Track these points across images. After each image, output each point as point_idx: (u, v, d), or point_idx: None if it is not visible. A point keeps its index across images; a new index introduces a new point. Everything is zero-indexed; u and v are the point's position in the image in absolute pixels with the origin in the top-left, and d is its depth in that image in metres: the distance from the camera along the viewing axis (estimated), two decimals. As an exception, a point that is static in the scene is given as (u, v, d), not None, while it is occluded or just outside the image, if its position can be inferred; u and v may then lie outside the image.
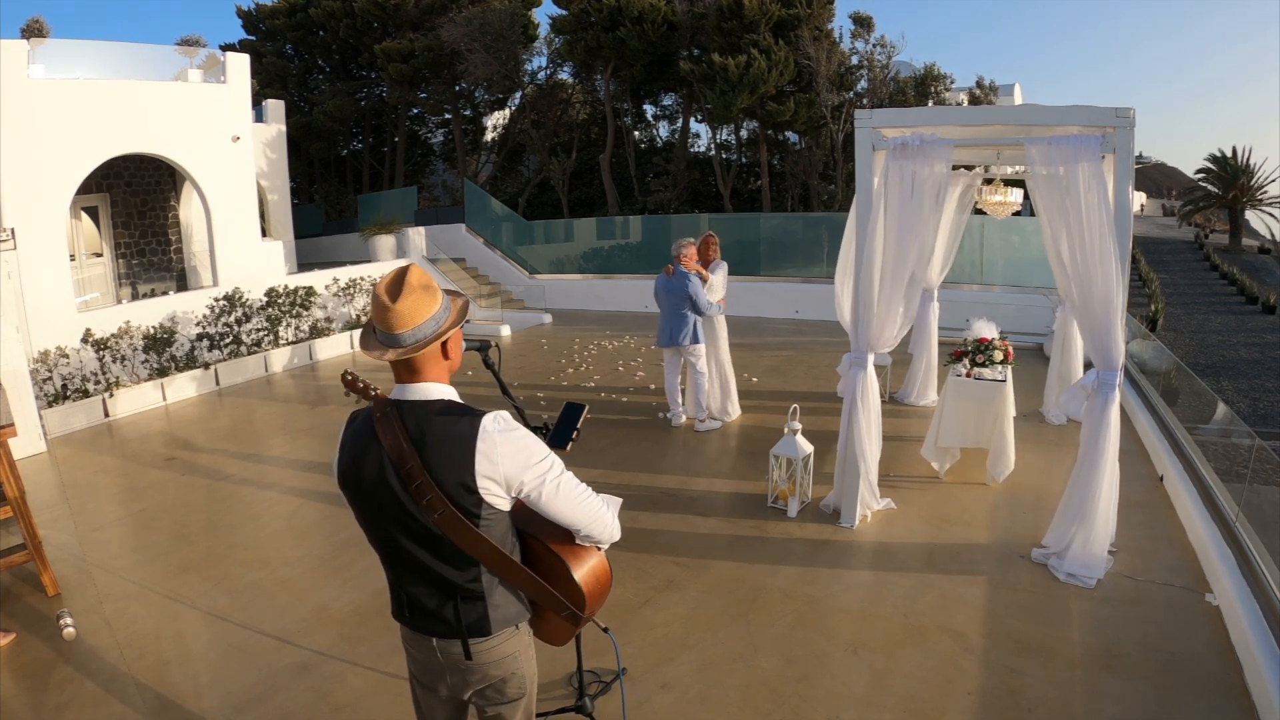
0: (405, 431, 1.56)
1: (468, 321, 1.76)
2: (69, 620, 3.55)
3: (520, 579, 1.66)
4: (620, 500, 1.85)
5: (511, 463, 1.55)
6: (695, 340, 5.98)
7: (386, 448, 1.56)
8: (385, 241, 13.38)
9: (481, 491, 1.55)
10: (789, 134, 17.50)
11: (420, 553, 1.62)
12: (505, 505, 1.61)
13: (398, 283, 1.58)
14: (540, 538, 1.71)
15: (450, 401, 1.63)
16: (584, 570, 1.70)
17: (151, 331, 8.38)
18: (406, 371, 1.63)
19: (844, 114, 15.52)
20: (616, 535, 1.75)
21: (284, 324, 9.94)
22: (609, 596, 1.81)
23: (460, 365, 1.76)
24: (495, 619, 1.67)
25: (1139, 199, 43.86)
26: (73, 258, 9.87)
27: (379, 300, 1.58)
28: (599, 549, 1.77)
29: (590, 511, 1.67)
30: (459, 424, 1.56)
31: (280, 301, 9.91)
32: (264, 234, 11.89)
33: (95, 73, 9.78)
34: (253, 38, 20.77)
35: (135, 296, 11.30)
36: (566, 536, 1.72)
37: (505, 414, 1.62)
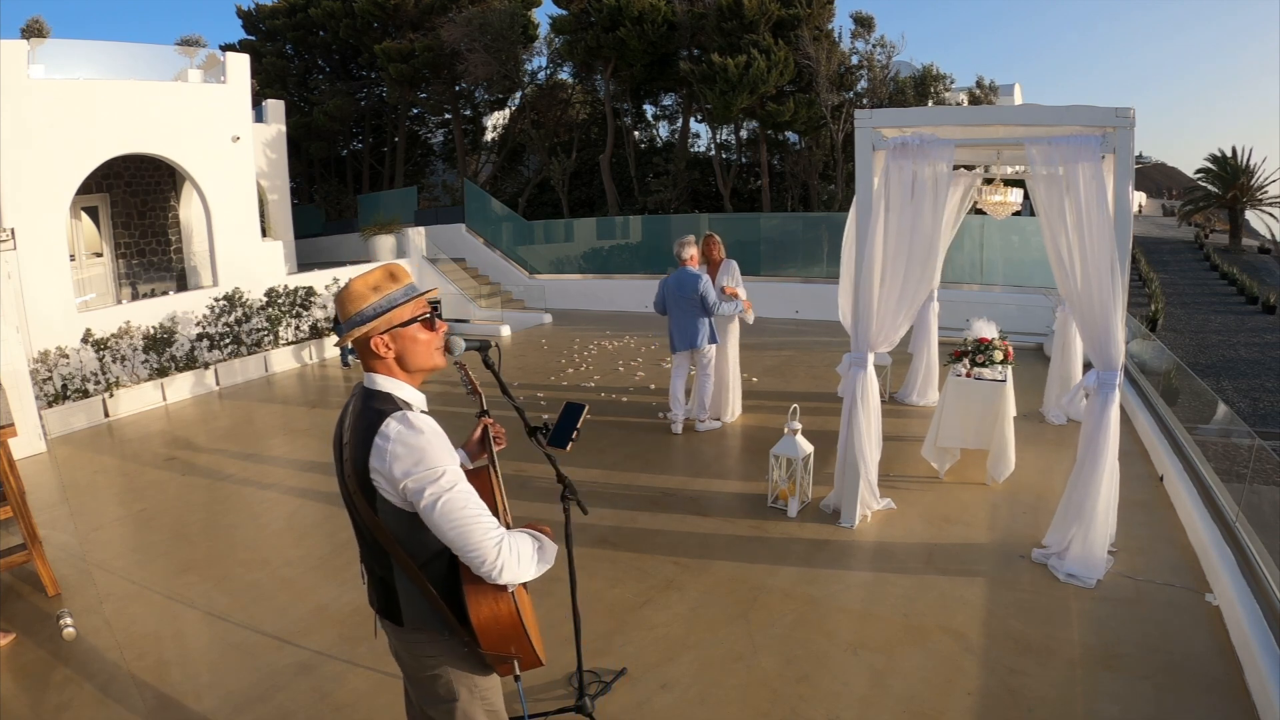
0: (351, 414, 1.71)
1: (427, 320, 1.72)
2: (69, 620, 3.55)
3: (423, 591, 1.67)
4: (555, 548, 1.77)
5: (398, 464, 1.56)
6: (713, 340, 5.95)
7: (342, 425, 1.74)
8: (385, 241, 13.38)
9: (374, 482, 1.60)
10: (789, 134, 17.50)
11: (356, 530, 1.76)
12: (399, 504, 1.61)
13: (354, 279, 1.72)
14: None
15: (385, 394, 1.67)
16: (479, 605, 1.64)
17: (151, 331, 8.38)
18: (363, 363, 1.75)
19: (844, 114, 15.51)
20: (499, 577, 1.61)
21: (284, 324, 9.94)
22: (525, 634, 1.69)
23: (431, 364, 1.74)
24: (405, 613, 1.70)
25: (1139, 199, 43.84)
26: (73, 258, 9.86)
27: None
28: (508, 591, 1.67)
29: (467, 538, 1.57)
30: (370, 416, 1.62)
31: (280, 301, 9.91)
32: (264, 234, 11.87)
33: (95, 73, 9.78)
34: (253, 38, 20.77)
35: (135, 296, 11.30)
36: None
37: (419, 417, 1.62)
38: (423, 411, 1.70)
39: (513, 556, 1.62)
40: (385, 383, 1.70)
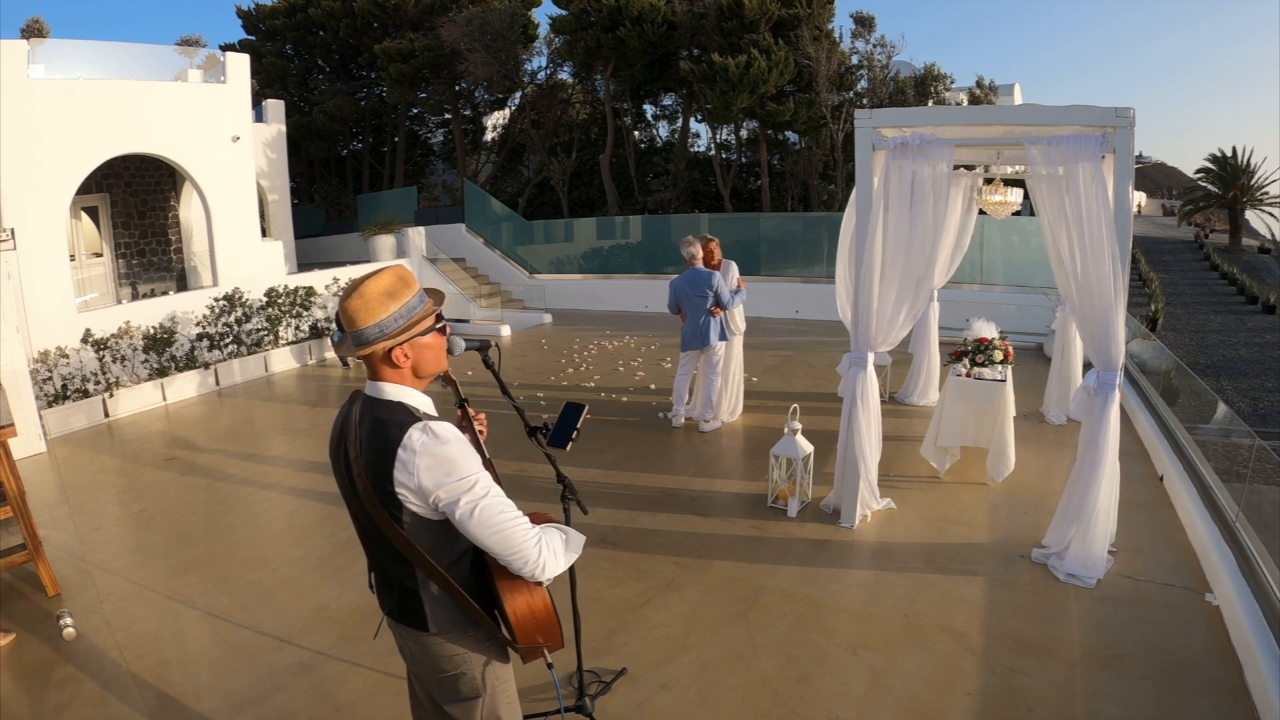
0: (357, 425, 1.63)
1: (441, 327, 1.73)
2: (69, 620, 3.55)
3: (452, 594, 1.66)
4: (583, 538, 1.79)
5: (427, 475, 1.54)
6: (723, 338, 6.04)
7: (345, 437, 1.66)
8: (385, 241, 13.38)
9: (399, 497, 1.57)
10: (789, 134, 17.50)
11: (368, 539, 1.72)
12: (428, 514, 1.60)
13: (358, 283, 1.63)
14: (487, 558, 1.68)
15: (398, 404, 1.64)
16: (515, 601, 1.67)
17: (151, 331, 8.38)
18: (368, 370, 1.68)
19: (844, 114, 15.51)
20: (541, 575, 1.65)
21: (284, 324, 9.94)
22: (563, 624, 1.72)
23: (441, 369, 1.76)
24: (431, 619, 1.68)
25: (1139, 199, 43.83)
26: (73, 258, 9.86)
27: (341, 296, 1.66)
28: (540, 583, 1.70)
29: (509, 542, 1.59)
30: (389, 428, 1.57)
31: (280, 301, 9.91)
32: (264, 234, 11.88)
33: (95, 73, 9.78)
34: (253, 38, 20.77)
35: (135, 296, 11.30)
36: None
37: (442, 426, 1.59)
38: (435, 416, 1.67)
39: (550, 554, 1.66)
40: (396, 391, 1.65)
